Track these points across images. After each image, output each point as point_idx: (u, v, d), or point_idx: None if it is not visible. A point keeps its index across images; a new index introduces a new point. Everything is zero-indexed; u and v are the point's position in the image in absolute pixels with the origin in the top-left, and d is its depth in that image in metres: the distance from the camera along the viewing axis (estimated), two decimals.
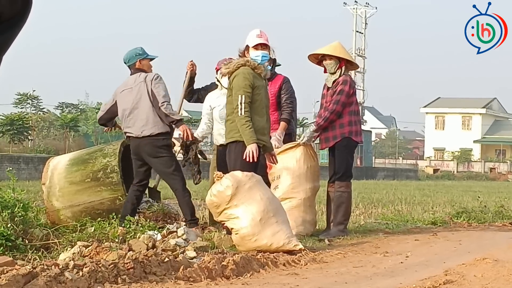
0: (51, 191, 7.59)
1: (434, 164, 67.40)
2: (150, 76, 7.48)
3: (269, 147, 7.10)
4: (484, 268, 5.71)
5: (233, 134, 6.96)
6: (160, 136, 7.37)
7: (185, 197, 7.40)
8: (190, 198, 7.52)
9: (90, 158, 7.75)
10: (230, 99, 6.96)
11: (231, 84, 6.97)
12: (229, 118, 7.01)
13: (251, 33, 7.17)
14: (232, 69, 6.94)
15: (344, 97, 7.88)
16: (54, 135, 41.32)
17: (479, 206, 12.05)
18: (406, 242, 7.81)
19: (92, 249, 5.89)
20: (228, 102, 7.02)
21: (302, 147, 8.08)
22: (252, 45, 7.10)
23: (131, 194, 7.46)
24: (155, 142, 7.36)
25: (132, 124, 7.45)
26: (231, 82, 6.97)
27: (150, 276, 5.11)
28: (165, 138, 7.43)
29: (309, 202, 8.11)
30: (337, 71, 7.99)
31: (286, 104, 8.17)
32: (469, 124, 79.30)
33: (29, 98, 43.41)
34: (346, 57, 8.11)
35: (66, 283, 4.61)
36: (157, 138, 7.36)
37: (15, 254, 5.90)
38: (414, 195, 19.05)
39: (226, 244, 6.68)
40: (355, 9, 58.46)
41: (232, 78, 6.95)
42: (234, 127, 6.94)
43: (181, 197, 7.42)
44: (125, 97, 7.54)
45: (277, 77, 8.26)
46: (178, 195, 7.46)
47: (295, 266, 6.00)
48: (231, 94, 6.96)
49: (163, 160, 7.40)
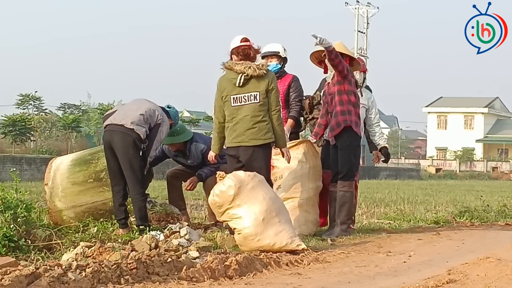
0: (54, 192, 7.59)
1: (436, 164, 67.33)
2: (166, 121, 7.55)
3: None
4: (487, 267, 5.70)
5: (270, 135, 7.12)
6: (133, 133, 7.32)
7: (139, 201, 7.30)
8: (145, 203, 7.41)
9: (92, 158, 7.75)
10: (265, 101, 7.09)
11: (269, 85, 7.10)
12: (265, 119, 7.10)
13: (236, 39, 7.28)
14: (265, 70, 7.12)
15: (349, 74, 7.92)
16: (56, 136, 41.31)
17: (482, 205, 12.06)
18: (409, 242, 7.80)
19: (95, 250, 5.89)
20: (261, 103, 7.10)
21: (303, 146, 8.07)
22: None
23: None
24: (127, 137, 7.30)
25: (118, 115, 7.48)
26: (269, 83, 7.10)
27: (153, 277, 5.12)
28: (137, 139, 7.34)
29: (312, 201, 8.10)
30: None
31: (295, 102, 8.36)
32: (471, 124, 79.21)
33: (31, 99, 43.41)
34: (349, 53, 8.12)
35: (69, 283, 4.61)
36: (130, 134, 7.31)
37: (18, 255, 5.91)
38: (416, 194, 19.04)
39: (229, 244, 6.68)
40: (357, 9, 58.46)
41: (270, 80, 7.11)
42: (270, 129, 7.12)
43: (135, 200, 7.31)
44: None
45: (286, 76, 8.44)
46: (133, 198, 7.33)
47: (298, 266, 6.00)
48: (265, 95, 7.09)
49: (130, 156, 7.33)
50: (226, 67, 7.20)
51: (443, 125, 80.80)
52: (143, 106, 7.46)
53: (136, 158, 7.28)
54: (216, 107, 7.29)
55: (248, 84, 7.10)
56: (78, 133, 40.05)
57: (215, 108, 7.30)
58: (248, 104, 7.10)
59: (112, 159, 7.31)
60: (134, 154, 7.26)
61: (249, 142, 7.09)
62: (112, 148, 7.29)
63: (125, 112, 7.44)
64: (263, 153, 7.14)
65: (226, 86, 7.16)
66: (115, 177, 7.33)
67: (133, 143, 7.23)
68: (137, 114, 7.33)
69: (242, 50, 7.18)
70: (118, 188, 7.31)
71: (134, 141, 7.24)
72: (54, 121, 42.86)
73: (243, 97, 7.12)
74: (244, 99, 7.12)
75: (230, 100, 7.14)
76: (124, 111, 7.49)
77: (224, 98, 7.17)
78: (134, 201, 7.27)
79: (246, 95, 7.12)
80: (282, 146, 7.38)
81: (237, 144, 7.13)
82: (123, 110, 7.54)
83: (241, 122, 7.10)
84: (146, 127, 7.32)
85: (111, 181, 7.36)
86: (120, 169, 7.31)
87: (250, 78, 7.09)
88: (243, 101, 7.12)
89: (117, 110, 7.67)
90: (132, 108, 7.49)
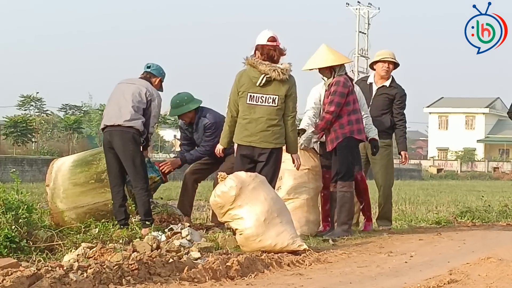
0: (55, 193, 7.59)
1: (437, 164, 67.35)
2: (155, 91, 7.53)
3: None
4: (489, 268, 5.70)
5: (281, 140, 7.12)
6: (131, 129, 7.32)
7: (143, 196, 7.33)
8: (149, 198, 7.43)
9: (94, 159, 7.76)
10: (282, 106, 7.05)
11: (289, 91, 7.06)
12: (280, 124, 7.08)
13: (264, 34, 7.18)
14: (288, 75, 7.06)
15: (338, 97, 7.87)
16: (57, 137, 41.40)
17: (483, 206, 12.06)
18: (410, 242, 7.80)
19: (97, 251, 5.89)
20: (279, 107, 7.05)
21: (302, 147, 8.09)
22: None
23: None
24: (125, 134, 7.32)
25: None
26: (289, 89, 7.06)
27: (154, 277, 5.12)
28: (136, 134, 7.35)
29: (312, 202, 8.11)
30: (332, 74, 8.00)
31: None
32: (473, 124, 79.20)
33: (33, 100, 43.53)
34: (336, 63, 8.03)
35: (70, 284, 4.61)
36: (128, 131, 7.33)
37: (19, 256, 5.91)
38: (418, 194, 19.04)
39: (230, 244, 6.68)
40: (358, 10, 58.46)
41: (290, 86, 7.07)
42: (283, 134, 7.11)
43: (138, 196, 7.34)
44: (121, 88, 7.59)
45: None
46: (137, 193, 7.36)
47: (300, 266, 6.00)
48: (283, 100, 7.04)
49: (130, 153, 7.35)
50: (250, 64, 7.08)
51: (444, 125, 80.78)
52: (128, 94, 7.39)
53: (137, 153, 7.32)
54: (231, 100, 7.19)
55: (268, 86, 7.03)
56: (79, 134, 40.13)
57: (230, 101, 7.20)
58: (265, 106, 7.04)
59: (113, 159, 7.33)
60: (134, 149, 7.30)
61: (260, 144, 7.07)
62: (113, 148, 7.32)
63: (118, 109, 7.41)
64: (277, 157, 7.15)
65: (245, 83, 7.07)
66: (115, 178, 7.35)
67: (132, 139, 7.28)
68: (128, 108, 7.32)
69: (267, 51, 7.06)
70: (117, 189, 7.33)
71: (133, 137, 7.28)
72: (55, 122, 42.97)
73: (260, 97, 7.05)
74: (261, 100, 7.05)
75: (246, 97, 7.06)
76: (116, 108, 7.43)
77: (240, 94, 7.09)
78: (138, 196, 7.30)
79: (264, 96, 7.05)
80: (293, 152, 7.38)
81: (248, 144, 7.10)
82: (115, 108, 7.47)
83: (255, 122, 7.06)
84: (141, 115, 7.35)
85: (111, 182, 7.38)
86: (120, 169, 7.33)
87: (272, 80, 7.03)
88: (260, 101, 7.05)
89: (109, 107, 7.60)
90: (120, 102, 7.42)
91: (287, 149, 7.31)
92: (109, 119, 7.43)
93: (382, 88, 9.09)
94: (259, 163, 7.11)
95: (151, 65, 7.75)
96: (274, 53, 7.07)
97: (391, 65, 9.09)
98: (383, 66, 9.07)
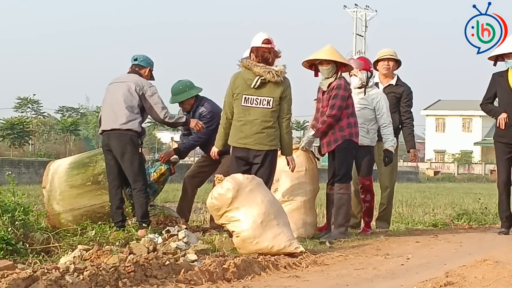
0: (52, 195, 7.59)
1: (434, 167, 67.35)
2: (146, 82, 7.49)
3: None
4: (485, 270, 5.71)
5: (276, 142, 7.13)
6: (129, 131, 7.32)
7: (140, 197, 7.33)
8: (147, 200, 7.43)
9: (90, 161, 7.75)
10: (277, 107, 7.07)
11: (284, 93, 7.07)
12: (274, 126, 7.10)
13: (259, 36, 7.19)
14: (283, 77, 7.08)
15: (339, 101, 7.88)
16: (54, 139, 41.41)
17: (480, 208, 12.05)
18: (407, 244, 7.80)
19: (93, 253, 5.89)
20: (273, 109, 7.07)
21: (300, 149, 8.10)
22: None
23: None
24: (123, 137, 7.32)
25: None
26: (284, 91, 7.07)
27: (151, 280, 5.11)
28: (134, 135, 7.35)
29: (309, 204, 8.11)
30: (333, 76, 7.99)
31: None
32: (470, 126, 79.26)
33: (30, 102, 43.54)
34: (344, 61, 8.09)
35: (66, 286, 4.61)
36: (126, 133, 7.32)
37: (15, 258, 5.90)
38: (415, 197, 19.05)
39: (227, 247, 6.68)
40: (355, 12, 58.49)
41: (285, 88, 7.08)
42: (278, 136, 7.12)
43: (136, 197, 7.34)
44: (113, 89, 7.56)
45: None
46: (135, 194, 7.36)
47: (296, 268, 6.00)
48: (278, 102, 7.06)
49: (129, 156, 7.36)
50: (244, 66, 7.10)
51: (441, 128, 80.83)
52: (120, 95, 7.36)
53: (135, 155, 7.32)
54: (226, 102, 7.21)
55: (263, 88, 7.05)
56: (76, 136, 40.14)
57: (225, 103, 7.22)
58: (259, 108, 7.06)
59: (112, 161, 7.34)
60: (132, 151, 7.30)
61: (255, 146, 7.08)
62: (111, 150, 7.32)
63: (113, 113, 7.39)
64: (272, 159, 7.15)
65: (240, 85, 7.09)
66: (114, 180, 7.35)
67: (130, 141, 7.29)
68: (123, 111, 7.32)
69: (262, 53, 7.09)
70: (116, 191, 7.33)
71: (131, 139, 7.30)
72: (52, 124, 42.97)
73: (255, 99, 7.06)
74: (256, 102, 7.06)
75: (240, 99, 7.07)
76: (111, 112, 7.42)
77: (235, 96, 7.10)
78: (136, 197, 7.31)
79: (259, 98, 7.06)
80: (288, 155, 7.38)
81: (243, 146, 7.11)
82: (109, 112, 7.44)
83: (250, 124, 7.07)
84: (137, 114, 7.35)
85: (109, 184, 7.39)
86: (119, 171, 7.33)
87: (267, 82, 7.04)
88: (255, 103, 7.06)
89: (104, 112, 7.57)
90: (114, 105, 7.39)
91: (282, 151, 7.31)
92: (106, 124, 7.43)
93: (389, 87, 9.09)
94: (254, 165, 7.11)
95: (137, 57, 7.71)
96: (268, 55, 7.09)
97: (391, 62, 9.10)
98: (383, 64, 9.11)
